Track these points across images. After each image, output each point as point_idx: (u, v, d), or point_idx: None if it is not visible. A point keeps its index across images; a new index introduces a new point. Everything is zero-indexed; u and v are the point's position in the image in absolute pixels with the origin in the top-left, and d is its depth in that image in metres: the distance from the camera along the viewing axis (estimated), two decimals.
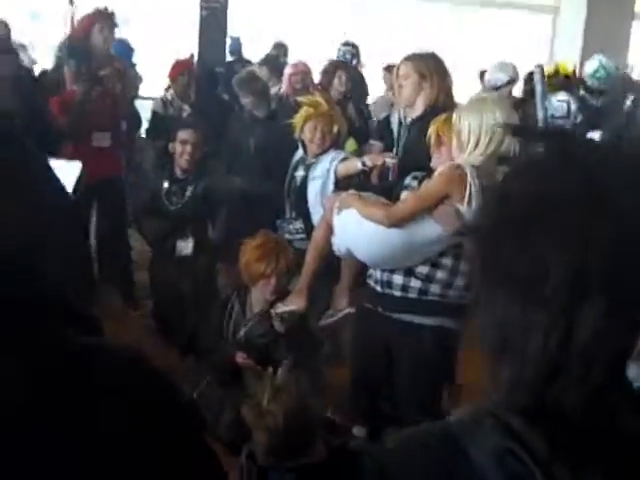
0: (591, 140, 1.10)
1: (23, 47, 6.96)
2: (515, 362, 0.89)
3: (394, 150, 3.79)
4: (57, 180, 0.98)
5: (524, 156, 1.02)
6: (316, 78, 6.15)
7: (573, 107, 5.64)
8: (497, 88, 5.93)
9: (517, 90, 6.60)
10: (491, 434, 0.90)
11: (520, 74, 6.33)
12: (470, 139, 2.95)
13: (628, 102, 6.05)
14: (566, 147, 0.94)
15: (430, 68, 3.60)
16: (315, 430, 2.64)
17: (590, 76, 6.22)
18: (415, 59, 3.67)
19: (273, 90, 6.31)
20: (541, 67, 3.47)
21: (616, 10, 8.72)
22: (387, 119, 5.52)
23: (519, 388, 0.90)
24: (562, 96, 5.68)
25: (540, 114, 3.40)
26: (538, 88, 3.43)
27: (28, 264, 0.91)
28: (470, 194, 2.89)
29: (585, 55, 8.19)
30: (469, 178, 2.89)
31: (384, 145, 4.38)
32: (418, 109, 3.62)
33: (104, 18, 5.46)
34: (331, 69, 6.00)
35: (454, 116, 3.04)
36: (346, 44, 7.31)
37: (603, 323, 0.86)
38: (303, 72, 6.05)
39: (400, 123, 4.03)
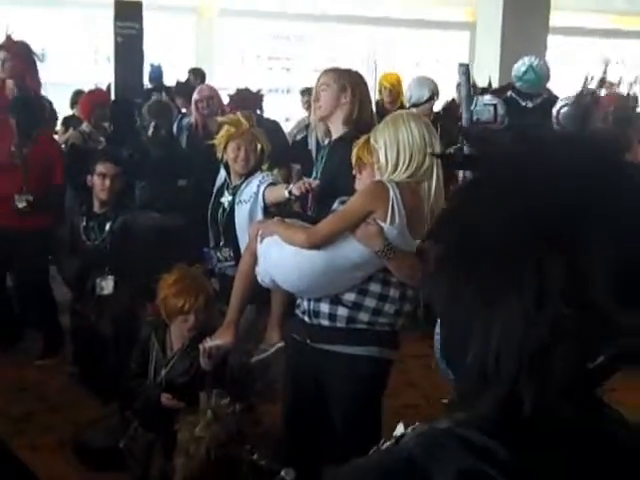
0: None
1: None
2: (540, 377, 0.82)
3: (313, 173, 3.67)
4: None
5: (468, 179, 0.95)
6: None
7: (500, 111, 5.39)
8: (418, 105, 5.88)
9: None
10: (456, 456, 0.82)
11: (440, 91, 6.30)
12: (389, 158, 2.86)
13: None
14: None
15: (352, 81, 3.48)
16: (237, 472, 2.51)
17: (518, 78, 6.00)
18: (336, 70, 3.56)
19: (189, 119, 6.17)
20: (466, 66, 3.23)
21: (531, 24, 8.83)
22: (304, 141, 5.42)
23: (487, 401, 0.83)
24: (488, 99, 5.47)
25: (465, 117, 3.23)
26: (463, 90, 3.23)
27: None
28: (393, 211, 2.79)
29: (503, 69, 8.26)
30: (391, 194, 2.79)
31: (302, 168, 4.27)
32: (337, 127, 3.47)
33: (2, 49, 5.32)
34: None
35: (371, 136, 2.95)
36: None
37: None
38: (208, 97, 5.85)
39: (318, 145, 3.91)
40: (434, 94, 6.07)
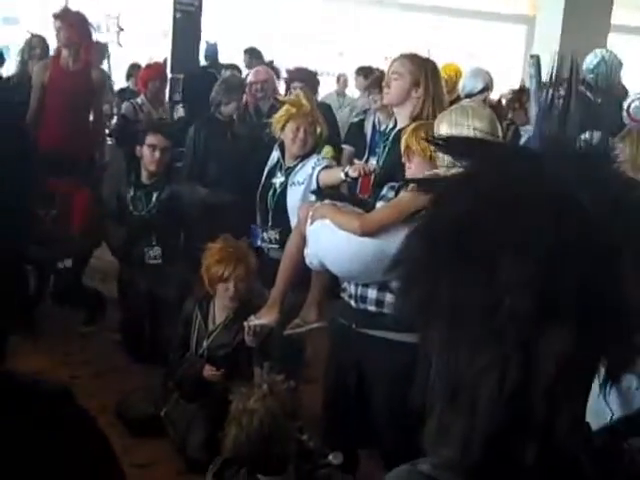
0: (524, 149, 0.97)
1: None
2: (465, 413, 0.77)
3: (365, 156, 3.61)
4: None
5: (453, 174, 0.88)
6: None
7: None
8: (471, 95, 5.83)
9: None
10: None
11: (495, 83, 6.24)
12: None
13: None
14: (500, 160, 0.83)
15: (427, 75, 3.29)
16: (285, 449, 2.54)
17: (589, 71, 5.79)
18: (413, 59, 3.33)
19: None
20: (537, 57, 3.07)
21: (593, 21, 8.68)
22: (360, 123, 5.36)
23: (469, 444, 0.77)
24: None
25: (533, 111, 3.09)
26: (532, 81, 3.08)
27: None
28: None
29: (559, 65, 8.13)
30: None
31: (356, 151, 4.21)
32: (404, 117, 3.28)
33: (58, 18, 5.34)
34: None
35: (435, 125, 2.91)
36: None
37: (572, 356, 0.71)
38: (263, 80, 5.73)
39: (374, 128, 3.85)
40: (488, 86, 6.02)
